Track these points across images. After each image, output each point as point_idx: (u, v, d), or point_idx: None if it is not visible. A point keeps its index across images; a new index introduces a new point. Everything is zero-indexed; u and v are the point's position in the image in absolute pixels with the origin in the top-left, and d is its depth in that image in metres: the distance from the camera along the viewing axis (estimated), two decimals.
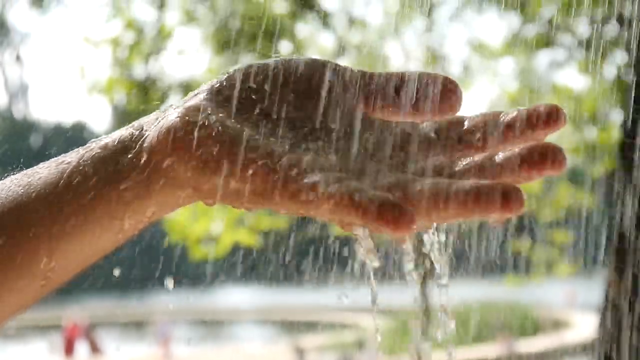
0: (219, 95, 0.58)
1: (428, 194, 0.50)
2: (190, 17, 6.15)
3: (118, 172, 0.57)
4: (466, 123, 0.58)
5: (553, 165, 0.54)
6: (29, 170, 0.58)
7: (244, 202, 0.54)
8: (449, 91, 0.58)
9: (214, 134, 0.55)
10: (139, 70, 6.38)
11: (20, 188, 0.57)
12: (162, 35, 6.25)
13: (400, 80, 0.59)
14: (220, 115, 0.56)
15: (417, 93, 0.59)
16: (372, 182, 0.51)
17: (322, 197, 0.51)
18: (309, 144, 0.55)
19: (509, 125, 0.56)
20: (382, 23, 6.42)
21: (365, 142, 0.56)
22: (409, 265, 0.55)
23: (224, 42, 5.97)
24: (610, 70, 5.64)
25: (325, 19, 6.12)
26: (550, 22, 5.51)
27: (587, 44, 5.52)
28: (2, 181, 0.58)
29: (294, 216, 0.54)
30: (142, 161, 0.56)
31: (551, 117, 0.56)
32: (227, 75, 0.59)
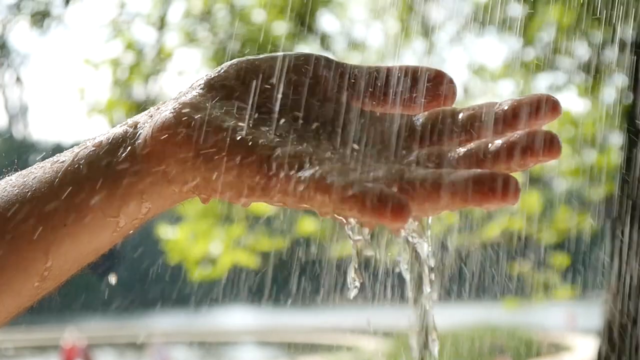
0: (213, 90, 0.58)
1: (423, 184, 0.50)
2: (190, 39, 6.16)
3: (112, 169, 0.57)
4: (460, 114, 0.58)
5: (549, 152, 0.54)
6: (24, 171, 0.59)
7: (240, 196, 0.54)
8: (442, 83, 0.59)
9: (208, 129, 0.55)
10: (139, 91, 6.39)
11: (15, 188, 0.57)
12: (162, 56, 6.26)
13: (392, 74, 0.59)
14: (214, 109, 0.56)
15: (410, 86, 0.59)
16: (367, 174, 0.51)
17: (317, 189, 0.51)
18: (304, 137, 0.55)
19: (504, 116, 0.56)
20: (382, 45, 6.43)
21: (360, 135, 0.56)
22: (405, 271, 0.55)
23: (224, 63, 5.96)
24: (609, 94, 5.65)
25: (325, 41, 6.13)
26: (549, 45, 5.53)
27: (586, 68, 5.54)
28: None
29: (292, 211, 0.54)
30: (137, 158, 0.56)
31: (544, 106, 0.56)
32: (220, 70, 0.59)
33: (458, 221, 5.68)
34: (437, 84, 0.59)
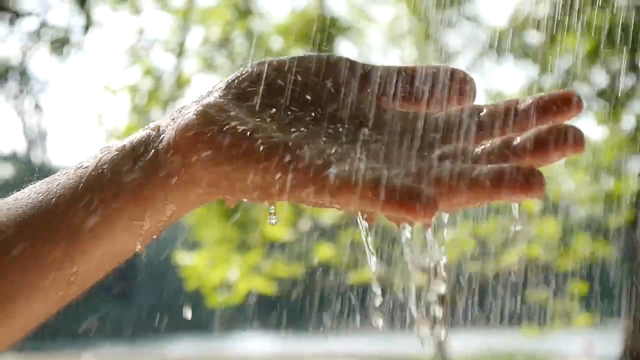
0: (236, 92, 0.58)
1: (449, 179, 0.50)
2: (208, 65, 6.19)
3: (136, 172, 0.57)
4: (483, 111, 0.58)
5: (573, 146, 0.53)
6: (47, 179, 0.59)
7: (264, 196, 0.54)
8: (462, 82, 0.59)
9: (232, 130, 0.55)
10: (157, 117, 6.40)
11: (40, 195, 0.58)
12: (181, 82, 6.29)
13: (415, 73, 0.60)
14: (238, 110, 0.56)
15: (432, 85, 0.59)
16: (392, 171, 0.51)
17: (343, 187, 0.51)
18: (328, 137, 0.55)
19: (526, 112, 0.56)
20: None
21: (384, 134, 0.56)
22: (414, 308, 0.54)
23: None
24: (628, 120, 5.63)
25: None
26: (567, 72, 5.52)
27: (604, 95, 5.53)
28: (21, 191, 0.59)
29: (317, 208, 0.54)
30: (160, 160, 0.56)
31: (568, 103, 0.56)
32: (243, 71, 0.59)
33: (475, 248, 5.67)
34: (458, 82, 0.59)
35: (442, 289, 0.56)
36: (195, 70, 6.29)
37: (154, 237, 0.59)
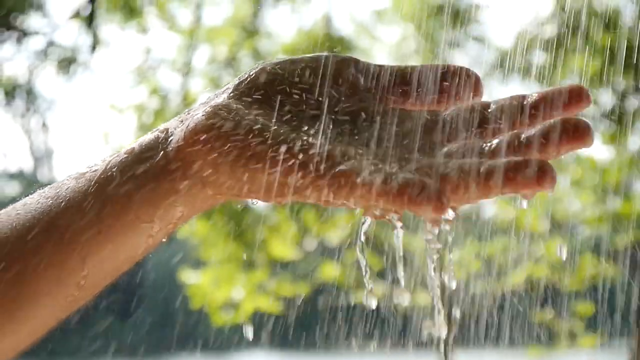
0: (245, 92, 0.59)
1: (459, 174, 0.50)
2: (215, 84, 6.20)
3: (145, 174, 0.57)
4: (492, 106, 0.58)
5: (581, 139, 0.54)
6: (56, 183, 0.59)
7: (274, 195, 0.54)
8: (469, 79, 0.59)
9: (241, 130, 0.55)
10: None
11: (49, 200, 0.58)
12: (187, 101, 6.29)
13: (421, 72, 0.60)
14: (247, 111, 0.57)
15: (439, 83, 0.60)
16: (402, 168, 0.52)
17: (354, 184, 0.51)
18: (337, 137, 0.55)
19: (535, 107, 0.57)
20: None
21: (392, 132, 0.57)
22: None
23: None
24: (634, 141, 5.63)
25: None
26: None
27: (610, 115, 5.53)
28: (30, 196, 0.59)
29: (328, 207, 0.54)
30: (170, 162, 0.57)
31: (576, 96, 0.57)
32: (250, 72, 0.60)
33: (481, 268, 5.66)
34: (464, 80, 0.60)
35: (448, 309, 0.55)
36: (201, 89, 6.30)
37: (163, 239, 0.59)
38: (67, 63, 6.16)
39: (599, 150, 5.60)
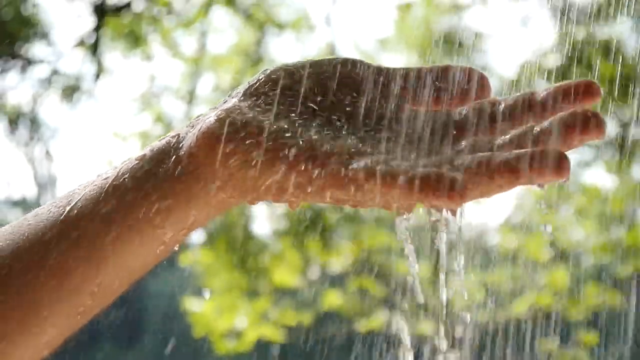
0: (252, 97, 0.59)
1: (474, 166, 0.51)
2: None
3: (157, 179, 0.57)
4: (500, 104, 0.58)
5: (596, 131, 0.54)
6: (66, 192, 0.60)
7: (288, 196, 0.54)
8: (474, 79, 0.60)
9: (253, 131, 0.56)
10: None
11: (60, 208, 0.58)
12: None
13: (427, 73, 0.60)
14: (258, 113, 0.57)
15: (445, 83, 0.60)
16: (415, 162, 0.52)
17: (369, 178, 0.51)
18: (349, 136, 0.56)
19: (545, 101, 0.57)
20: None
21: (402, 131, 0.57)
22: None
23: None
24: (638, 170, 5.62)
25: None
26: None
27: (614, 144, 5.53)
28: (40, 207, 0.59)
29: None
30: (181, 166, 0.57)
31: (586, 90, 0.57)
32: (259, 76, 0.60)
33: (485, 297, 5.64)
34: (470, 80, 0.60)
35: (454, 336, 0.55)
36: None
37: (175, 246, 0.59)
38: (71, 91, 6.18)
39: (602, 179, 5.59)
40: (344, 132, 0.56)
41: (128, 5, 6.08)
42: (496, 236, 5.54)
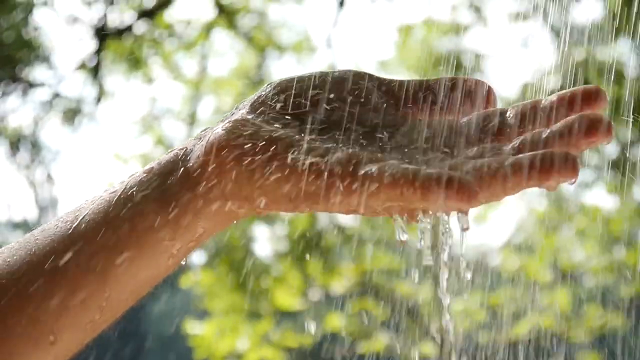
0: (261, 107, 0.59)
1: (484, 169, 0.51)
2: None
3: (166, 192, 0.57)
4: (508, 112, 0.59)
5: (604, 134, 0.54)
6: (73, 208, 0.60)
7: (297, 205, 0.54)
8: (480, 90, 0.60)
9: (261, 140, 0.56)
10: None
11: (68, 223, 0.58)
12: None
13: (432, 85, 0.61)
14: (265, 123, 0.57)
15: (450, 95, 0.60)
16: (426, 167, 0.52)
17: (378, 184, 0.51)
18: (357, 144, 0.56)
19: (551, 108, 0.57)
20: None
21: (411, 139, 0.57)
22: None
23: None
24: (638, 191, 5.62)
25: None
26: None
27: (615, 165, 5.53)
28: (47, 222, 0.59)
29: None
30: (190, 178, 0.57)
31: (592, 96, 0.57)
32: (267, 88, 0.60)
33: (486, 318, 5.63)
34: (476, 91, 0.60)
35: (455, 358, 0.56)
36: None
37: (183, 260, 0.59)
38: (72, 114, 6.19)
39: (603, 200, 5.59)
40: (352, 142, 0.56)
41: (129, 28, 6.09)
42: (498, 257, 5.53)
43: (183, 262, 0.58)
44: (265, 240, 6.05)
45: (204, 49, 6.31)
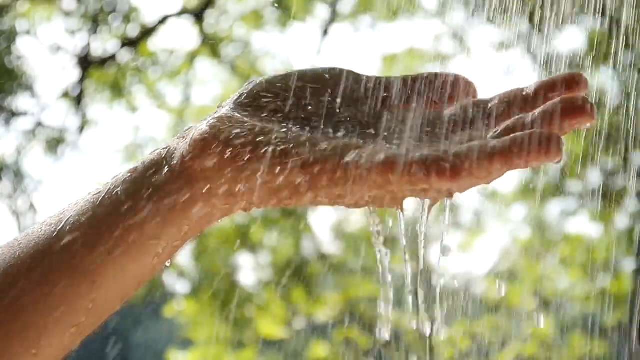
0: (246, 103, 0.60)
1: (468, 152, 0.51)
2: None
3: (150, 189, 0.57)
4: (489, 102, 0.59)
5: (588, 114, 0.55)
6: (57, 211, 0.60)
7: (282, 200, 0.55)
8: (460, 84, 0.61)
9: (246, 135, 0.56)
10: None
11: (52, 226, 0.58)
12: None
13: (414, 80, 0.62)
14: (250, 119, 0.57)
15: (432, 89, 0.61)
16: (411, 152, 0.52)
17: (364, 170, 0.52)
18: (339, 137, 0.57)
19: (534, 95, 0.58)
20: None
21: (396, 128, 0.58)
22: None
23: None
24: (621, 219, 5.64)
25: None
26: (561, 171, 5.55)
27: (598, 193, 5.55)
28: (31, 227, 0.59)
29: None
30: (176, 175, 0.57)
31: (573, 81, 0.58)
32: (248, 85, 0.61)
33: (471, 346, 5.63)
34: (456, 84, 0.61)
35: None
36: None
37: (168, 262, 0.59)
38: (55, 143, 6.18)
39: (586, 228, 5.61)
40: (336, 134, 0.56)
41: (113, 56, 6.09)
42: (481, 285, 5.54)
43: (167, 264, 0.58)
44: (249, 269, 6.04)
45: (187, 77, 6.32)
